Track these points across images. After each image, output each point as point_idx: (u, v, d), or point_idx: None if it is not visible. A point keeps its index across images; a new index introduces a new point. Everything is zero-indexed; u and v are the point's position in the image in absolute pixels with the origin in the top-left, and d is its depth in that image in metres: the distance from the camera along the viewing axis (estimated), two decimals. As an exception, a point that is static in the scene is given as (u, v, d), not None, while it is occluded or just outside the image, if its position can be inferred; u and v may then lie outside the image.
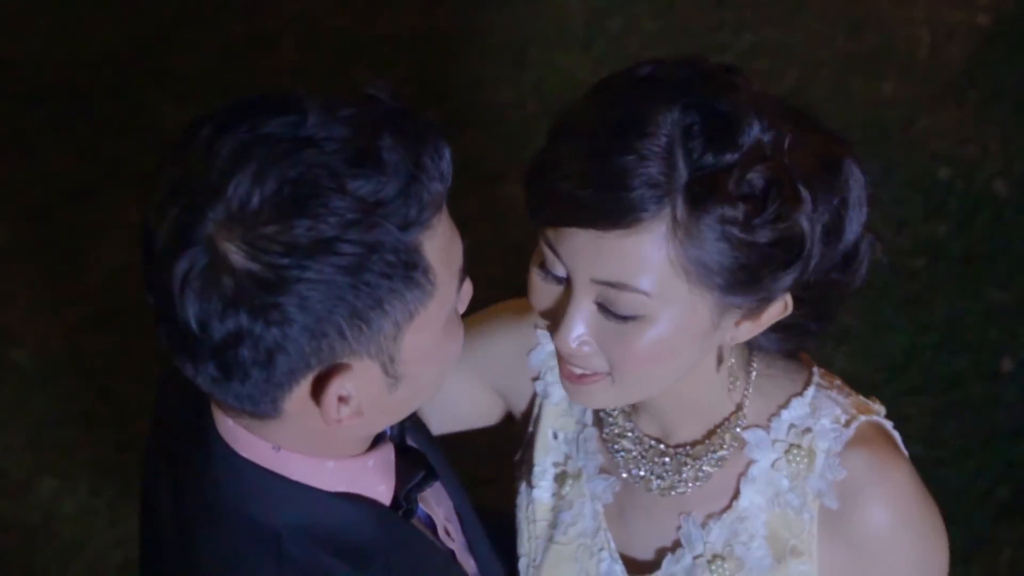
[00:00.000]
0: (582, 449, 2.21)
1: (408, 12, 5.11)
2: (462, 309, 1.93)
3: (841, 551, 2.06)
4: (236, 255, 1.71)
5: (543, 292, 1.97)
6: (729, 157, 1.86)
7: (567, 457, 2.23)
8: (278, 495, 1.90)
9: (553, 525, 2.23)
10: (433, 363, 1.88)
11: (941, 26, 4.94)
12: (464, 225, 1.91)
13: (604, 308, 1.92)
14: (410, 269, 1.75)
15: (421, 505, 2.08)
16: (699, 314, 1.92)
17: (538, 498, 2.25)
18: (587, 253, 1.89)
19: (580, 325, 1.94)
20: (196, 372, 1.80)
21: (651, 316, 1.91)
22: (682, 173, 1.85)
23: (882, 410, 2.14)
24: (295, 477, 1.90)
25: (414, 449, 2.07)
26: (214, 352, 1.75)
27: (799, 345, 2.11)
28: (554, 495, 2.23)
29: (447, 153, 1.79)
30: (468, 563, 2.17)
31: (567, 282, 1.94)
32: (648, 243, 1.86)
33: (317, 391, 1.80)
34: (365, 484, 1.95)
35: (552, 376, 2.24)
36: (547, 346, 2.25)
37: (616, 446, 2.15)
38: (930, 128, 4.68)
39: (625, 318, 1.91)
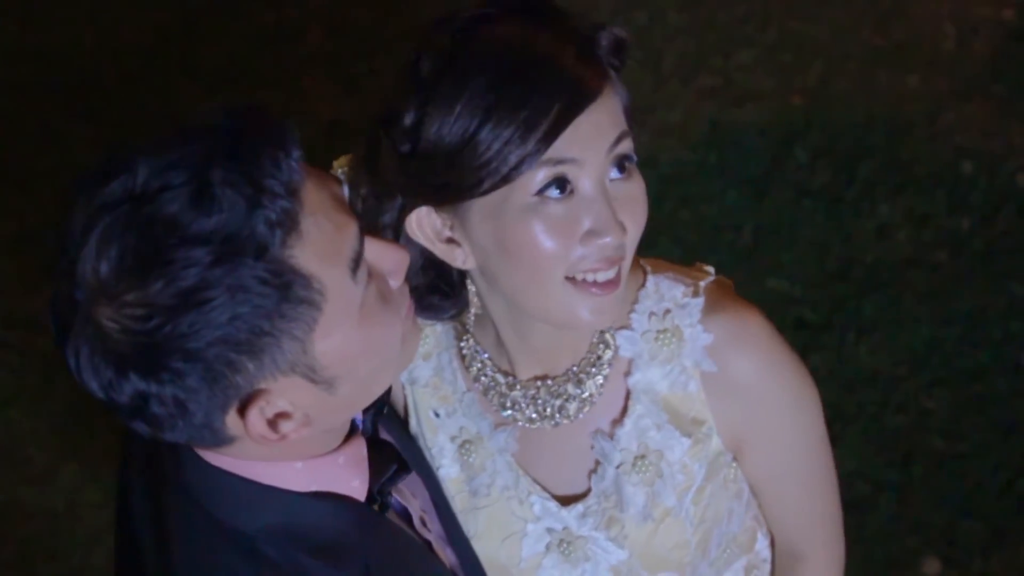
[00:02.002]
0: (469, 415, 2.27)
1: (434, 3, 5.12)
2: (398, 281, 1.92)
3: (729, 406, 2.19)
4: (110, 326, 1.72)
5: (556, 229, 1.99)
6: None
7: (461, 428, 2.28)
8: (251, 500, 1.90)
9: (473, 493, 2.28)
10: (364, 355, 1.86)
11: (967, 20, 4.94)
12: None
13: (614, 179, 2.02)
14: (284, 289, 1.74)
15: (397, 496, 2.08)
16: None
17: (446, 476, 2.30)
18: (596, 130, 1.98)
19: (615, 208, 2.02)
20: (133, 426, 1.82)
21: (634, 159, 2.06)
22: (591, 26, 2.04)
23: (711, 269, 2.25)
24: (266, 481, 1.90)
25: (387, 442, 2.07)
26: (131, 413, 1.77)
27: None
28: (462, 467, 2.28)
29: (287, 162, 1.76)
30: (445, 552, 2.18)
31: (573, 191, 1.98)
32: (613, 92, 2.02)
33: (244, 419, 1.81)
34: (338, 481, 1.94)
35: (411, 363, 2.29)
36: None
37: (507, 404, 2.20)
38: (954, 122, 4.68)
39: (629, 172, 2.04)
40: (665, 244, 4.40)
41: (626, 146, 2.01)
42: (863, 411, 4.08)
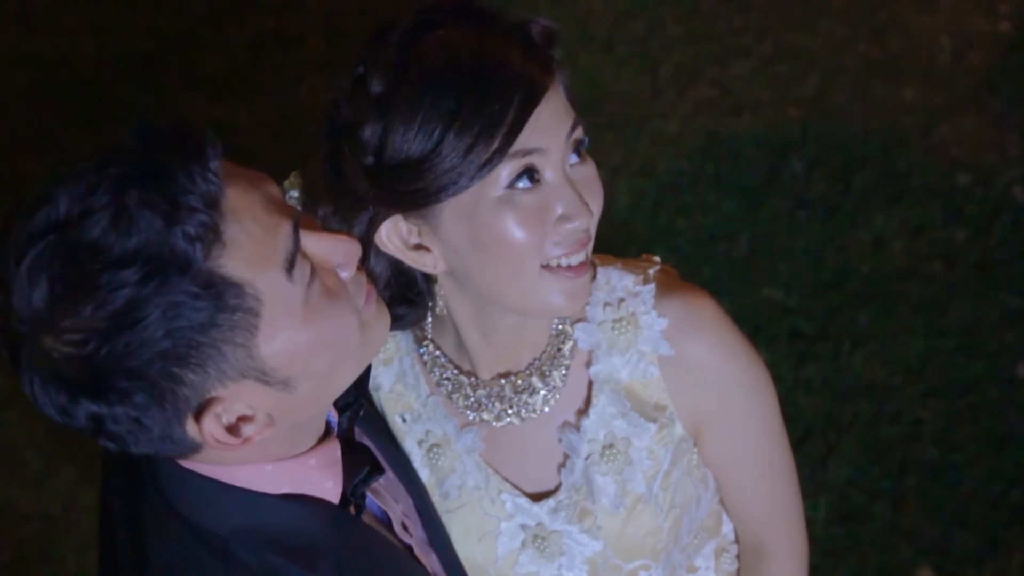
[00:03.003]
0: (433, 418, 2.30)
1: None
2: (349, 271, 1.92)
3: (686, 388, 2.24)
4: (54, 354, 1.74)
5: (529, 219, 2.04)
6: None
7: (428, 432, 2.31)
8: (223, 502, 1.91)
9: (444, 496, 2.31)
10: (317, 352, 1.87)
11: (962, 33, 4.95)
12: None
13: (572, 164, 2.07)
14: (216, 299, 1.75)
15: (376, 501, 2.10)
16: None
17: None
18: (554, 119, 2.03)
19: (579, 189, 2.07)
20: (100, 443, 1.84)
21: (587, 143, 2.10)
22: (521, 23, 2.09)
23: (657, 258, 2.31)
24: (238, 483, 1.91)
25: (362, 445, 2.08)
26: (92, 434, 1.80)
27: None
28: (432, 471, 2.31)
29: (204, 174, 1.77)
30: (429, 557, 2.19)
31: (540, 181, 2.02)
32: (560, 82, 2.06)
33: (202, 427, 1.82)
34: (310, 483, 1.95)
35: (374, 370, 2.32)
36: None
37: (472, 404, 2.23)
38: (950, 134, 4.70)
39: (583, 157, 2.08)
40: (661, 253, 4.35)
41: (580, 131, 2.07)
42: (857, 421, 4.09)
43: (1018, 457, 4.00)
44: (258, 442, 1.86)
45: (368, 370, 2.06)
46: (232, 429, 1.83)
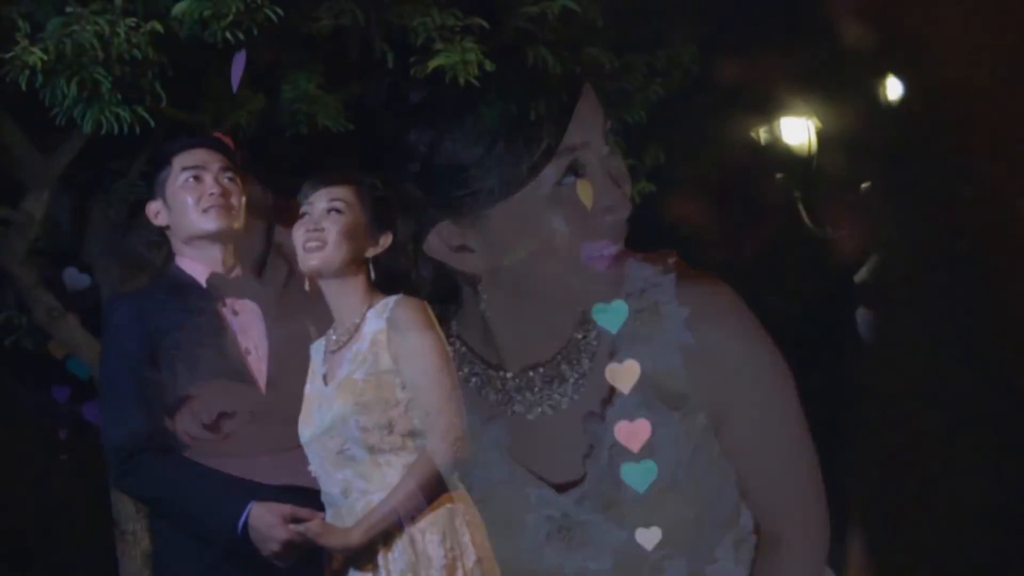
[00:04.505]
0: None
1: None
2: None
3: (708, 376, 2.24)
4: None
5: (578, 213, 2.04)
6: None
7: None
8: (223, 494, 1.98)
9: (468, 489, 2.28)
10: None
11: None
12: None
13: (604, 156, 2.04)
14: (181, 302, 1.87)
15: None
16: None
17: None
18: (591, 113, 2.13)
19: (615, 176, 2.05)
20: None
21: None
22: None
23: (673, 252, 2.36)
24: (237, 474, 1.97)
25: None
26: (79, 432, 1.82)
27: None
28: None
29: (168, 181, 1.77)
30: None
31: (584, 175, 2.02)
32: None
33: None
34: (308, 474, 1.98)
35: None
36: None
37: (503, 398, 2.23)
38: (955, 145, 4.69)
39: (612, 147, 2.19)
40: (665, 259, 4.40)
41: (609, 122, 2.06)
42: (859, 430, 4.08)
43: (1019, 469, 4.00)
44: (244, 436, 1.87)
45: None
46: (212, 426, 1.84)
